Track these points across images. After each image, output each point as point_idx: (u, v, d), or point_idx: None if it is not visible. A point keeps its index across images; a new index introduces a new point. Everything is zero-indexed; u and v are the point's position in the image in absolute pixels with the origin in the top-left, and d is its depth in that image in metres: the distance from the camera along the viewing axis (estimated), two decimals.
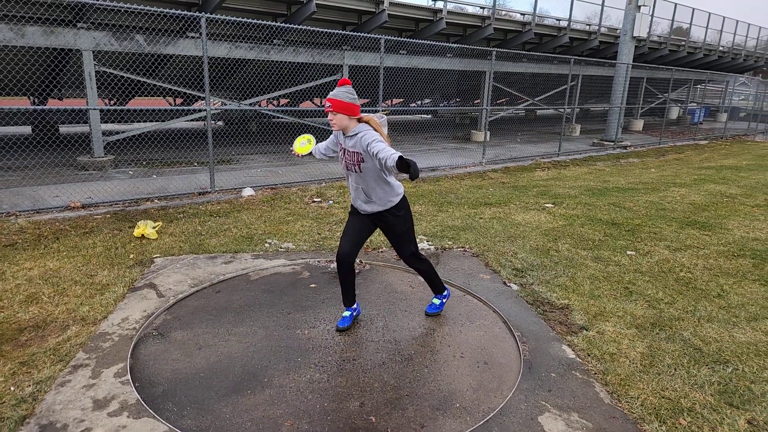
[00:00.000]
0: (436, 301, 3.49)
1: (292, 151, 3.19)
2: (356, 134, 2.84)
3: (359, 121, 2.86)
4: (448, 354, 2.99)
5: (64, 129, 14.21)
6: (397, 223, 3.07)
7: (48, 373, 2.65)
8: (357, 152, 2.85)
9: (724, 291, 4.03)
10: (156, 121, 14.34)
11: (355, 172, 2.91)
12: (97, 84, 8.31)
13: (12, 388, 2.52)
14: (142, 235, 4.91)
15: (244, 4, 9.70)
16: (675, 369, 2.87)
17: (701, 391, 2.67)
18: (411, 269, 4.25)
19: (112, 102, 14.34)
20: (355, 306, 3.32)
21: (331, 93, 2.83)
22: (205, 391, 2.57)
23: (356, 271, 4.22)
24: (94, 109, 7.36)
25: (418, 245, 4.90)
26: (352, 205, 3.16)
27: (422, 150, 12.22)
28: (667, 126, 19.23)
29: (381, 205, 3.00)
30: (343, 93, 2.80)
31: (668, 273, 4.39)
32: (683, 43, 20.41)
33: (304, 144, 3.20)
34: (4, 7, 7.45)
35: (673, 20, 19.07)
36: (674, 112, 25.13)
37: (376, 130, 2.83)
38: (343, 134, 2.91)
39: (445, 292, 3.49)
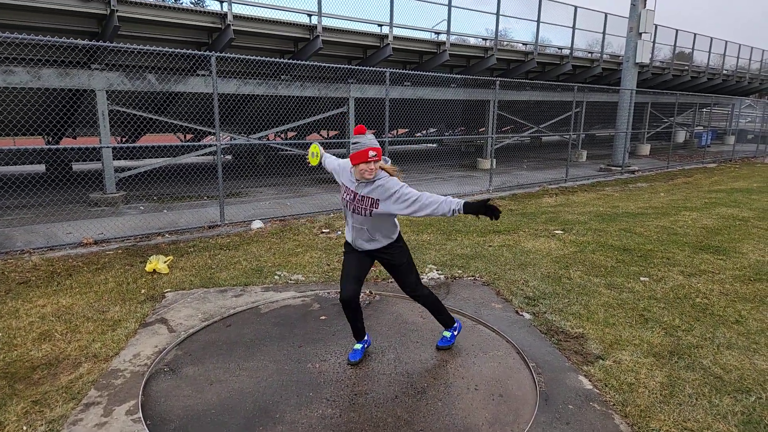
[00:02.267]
0: (447, 334, 3.42)
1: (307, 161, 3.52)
2: (376, 181, 2.78)
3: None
4: (462, 386, 2.94)
5: (77, 167, 14.51)
6: (398, 254, 3.06)
7: (60, 412, 2.64)
8: (372, 198, 2.80)
9: (743, 317, 3.95)
10: (166, 156, 14.61)
11: (363, 215, 2.85)
12: (109, 122, 8.53)
13: (25, 428, 2.51)
14: (154, 269, 4.94)
15: (252, 42, 10.00)
16: (696, 399, 2.80)
17: (725, 422, 2.59)
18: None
19: (123, 139, 14.67)
20: (365, 338, 3.29)
21: (366, 141, 2.73)
22: (217, 428, 2.54)
23: (366, 302, 4.20)
24: (107, 147, 7.53)
25: (429, 274, 4.89)
26: (347, 242, 3.10)
27: (429, 179, 12.29)
28: (675, 150, 19.24)
29: (383, 243, 2.99)
30: (375, 140, 2.77)
31: (684, 299, 4.31)
32: (686, 67, 20.62)
33: (314, 155, 3.41)
34: (21, 51, 7.74)
35: (675, 46, 19.32)
36: (681, 136, 25.18)
37: (392, 175, 2.83)
38: (357, 179, 2.85)
39: (456, 324, 3.44)
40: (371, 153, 2.71)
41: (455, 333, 3.44)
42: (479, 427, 2.56)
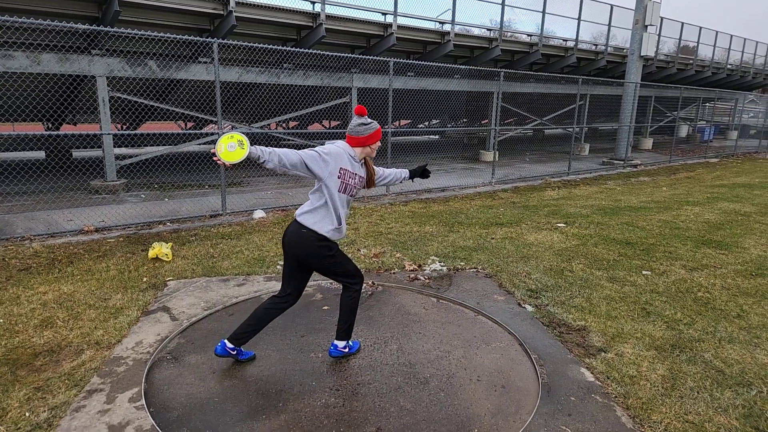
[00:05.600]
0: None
1: (215, 157, 2.49)
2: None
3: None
4: (464, 377, 2.94)
5: (77, 154, 14.46)
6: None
7: (63, 399, 2.64)
8: (363, 177, 2.96)
9: (744, 311, 3.95)
10: (168, 144, 14.56)
11: (352, 196, 2.93)
12: (110, 109, 8.48)
13: (27, 414, 2.51)
14: (156, 257, 4.93)
15: (254, 29, 9.91)
16: (698, 392, 2.80)
17: (725, 415, 2.59)
18: (423, 291, 4.23)
19: (124, 126, 14.61)
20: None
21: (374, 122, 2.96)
22: (220, 416, 2.54)
23: (369, 293, 4.20)
24: (108, 134, 7.48)
25: (431, 265, 4.89)
26: (336, 240, 2.92)
27: (431, 170, 12.25)
28: (677, 144, 19.17)
29: None
30: None
31: (686, 293, 4.31)
32: (691, 61, 20.48)
33: (233, 148, 2.44)
34: (21, 35, 7.67)
35: (680, 39, 19.18)
36: (684, 131, 25.08)
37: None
38: (359, 160, 2.91)
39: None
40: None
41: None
42: (482, 417, 2.56)
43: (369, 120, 2.89)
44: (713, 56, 21.42)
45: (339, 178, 2.78)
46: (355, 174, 2.87)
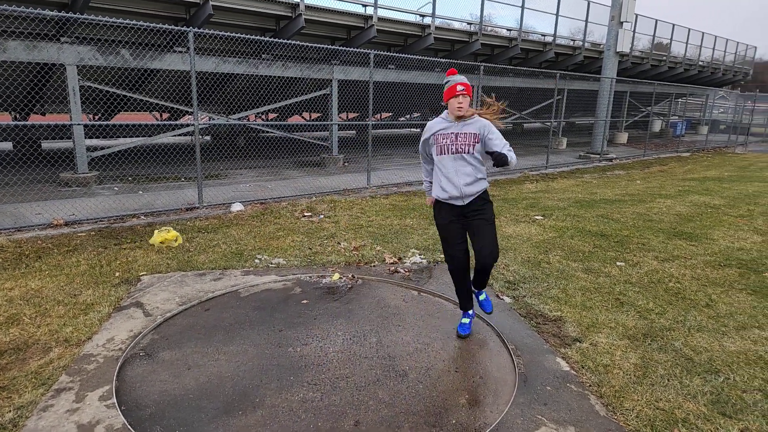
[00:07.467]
0: (482, 297, 3.48)
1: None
2: (475, 119, 3.06)
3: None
4: (442, 369, 2.95)
5: (46, 145, 14.02)
6: (490, 208, 3.17)
7: (29, 398, 2.56)
8: (475, 134, 3.02)
9: (713, 301, 4.06)
10: (142, 136, 14.22)
11: (466, 153, 3.03)
12: (81, 99, 8.21)
13: None
14: (162, 241, 4.84)
15: (232, 18, 9.72)
16: (668, 380, 2.87)
17: (694, 402, 2.66)
18: (403, 284, 4.22)
19: (96, 117, 14.20)
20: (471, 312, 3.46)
21: (457, 77, 3.01)
22: (195, 413, 2.50)
23: (349, 286, 4.18)
24: (78, 124, 7.25)
25: (411, 258, 4.89)
26: (440, 209, 3.17)
27: (412, 164, 12.26)
28: (651, 138, 19.58)
29: (484, 185, 3.12)
30: (464, 78, 3.01)
31: (657, 283, 4.41)
32: (664, 58, 20.90)
33: None
34: None
35: (654, 36, 19.54)
36: (657, 125, 25.64)
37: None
38: (456, 119, 3.04)
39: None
40: (459, 87, 2.98)
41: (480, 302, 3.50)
42: (459, 408, 2.58)
43: (448, 78, 3.06)
44: (686, 53, 21.91)
45: (435, 143, 3.10)
46: (450, 133, 3.04)
